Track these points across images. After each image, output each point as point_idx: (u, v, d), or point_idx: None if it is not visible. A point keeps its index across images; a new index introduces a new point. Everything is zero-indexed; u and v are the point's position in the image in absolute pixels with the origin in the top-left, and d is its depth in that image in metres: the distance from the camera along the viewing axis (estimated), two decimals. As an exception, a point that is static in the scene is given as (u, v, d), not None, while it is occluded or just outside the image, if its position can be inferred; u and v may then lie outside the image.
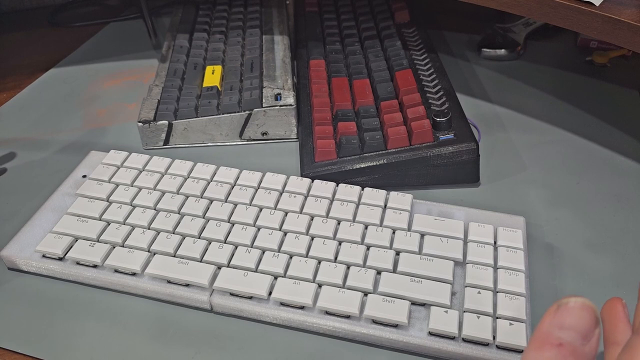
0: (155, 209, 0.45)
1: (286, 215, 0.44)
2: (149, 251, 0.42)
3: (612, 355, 0.27)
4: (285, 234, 0.43)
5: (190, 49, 0.64)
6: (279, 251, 0.42)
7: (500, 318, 0.37)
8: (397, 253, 0.42)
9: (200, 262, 0.41)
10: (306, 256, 0.41)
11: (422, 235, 0.43)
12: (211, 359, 0.37)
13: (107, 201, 0.46)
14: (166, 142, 0.55)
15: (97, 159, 0.51)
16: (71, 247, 0.42)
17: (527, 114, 0.60)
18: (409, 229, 0.43)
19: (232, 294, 0.39)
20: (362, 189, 0.47)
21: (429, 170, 0.49)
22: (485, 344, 0.36)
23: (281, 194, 0.46)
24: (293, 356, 0.37)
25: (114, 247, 0.42)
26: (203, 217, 0.44)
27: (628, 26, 0.44)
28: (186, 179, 0.48)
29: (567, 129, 0.57)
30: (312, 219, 0.44)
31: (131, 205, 0.45)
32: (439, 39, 0.73)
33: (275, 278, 0.40)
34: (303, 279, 0.39)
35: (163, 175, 0.48)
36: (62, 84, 0.67)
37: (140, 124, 0.54)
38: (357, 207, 0.45)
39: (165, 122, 0.54)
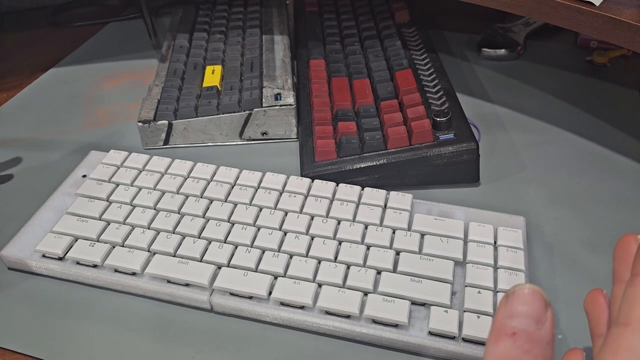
0: (155, 209, 0.45)
1: (286, 215, 0.44)
2: (149, 251, 0.42)
3: (598, 347, 0.27)
4: (285, 233, 0.43)
5: (190, 49, 0.64)
6: (279, 251, 0.42)
7: (500, 318, 0.37)
8: (397, 253, 0.42)
9: (200, 262, 0.41)
10: (306, 256, 0.41)
11: (422, 235, 0.43)
12: (211, 359, 0.37)
13: (107, 201, 0.46)
14: (166, 142, 0.55)
15: (97, 159, 0.51)
16: (71, 247, 0.42)
17: (527, 114, 0.60)
18: (409, 229, 0.43)
19: (232, 294, 0.39)
20: (362, 189, 0.46)
21: (429, 170, 0.49)
22: (485, 344, 0.36)
23: (281, 194, 0.46)
24: (293, 356, 0.37)
25: (114, 247, 0.42)
26: (203, 217, 0.44)
27: (628, 26, 0.44)
28: (186, 179, 0.48)
29: (567, 129, 0.57)
30: (312, 219, 0.44)
31: (131, 205, 0.45)
32: (439, 39, 0.73)
33: (275, 278, 0.40)
34: (303, 278, 0.39)
35: (163, 175, 0.48)
36: (62, 84, 0.67)
37: (140, 124, 0.54)
38: (357, 207, 0.45)
39: (165, 122, 0.54)
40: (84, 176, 0.50)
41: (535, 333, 0.21)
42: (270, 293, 0.39)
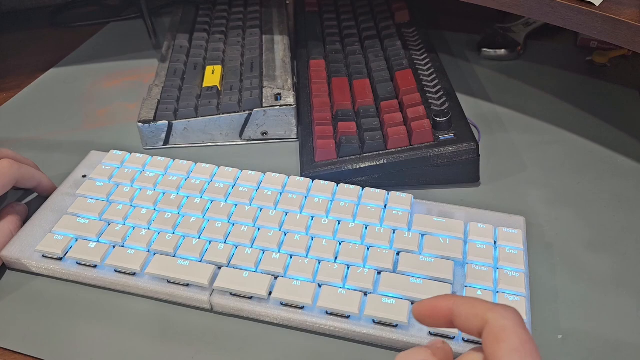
0: (155, 209, 0.45)
1: (286, 215, 0.44)
2: (149, 251, 0.42)
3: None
4: (285, 233, 0.43)
5: (190, 49, 0.64)
6: (279, 251, 0.42)
7: (500, 318, 0.37)
8: (397, 253, 0.42)
9: (200, 262, 0.41)
10: (306, 256, 0.41)
11: (422, 235, 0.43)
12: (211, 359, 0.37)
13: (107, 201, 0.46)
14: (166, 142, 0.55)
15: (97, 159, 0.51)
16: (71, 247, 0.42)
17: (527, 114, 0.60)
18: (409, 229, 0.43)
19: (232, 294, 0.39)
20: (362, 189, 0.46)
21: (429, 170, 0.49)
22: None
23: (281, 194, 0.46)
24: (293, 356, 0.37)
25: (114, 247, 0.42)
26: (203, 217, 0.44)
27: (628, 26, 0.44)
28: (186, 179, 0.48)
29: (567, 129, 0.57)
30: (312, 219, 0.44)
31: (131, 205, 0.45)
32: (439, 39, 0.73)
33: (275, 278, 0.40)
34: (303, 278, 0.39)
35: (163, 175, 0.48)
36: (62, 84, 0.67)
37: (140, 124, 0.54)
38: (357, 207, 0.45)
39: (165, 122, 0.54)
40: (84, 176, 0.50)
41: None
42: (270, 293, 0.39)
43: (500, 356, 0.25)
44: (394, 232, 0.43)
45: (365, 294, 0.39)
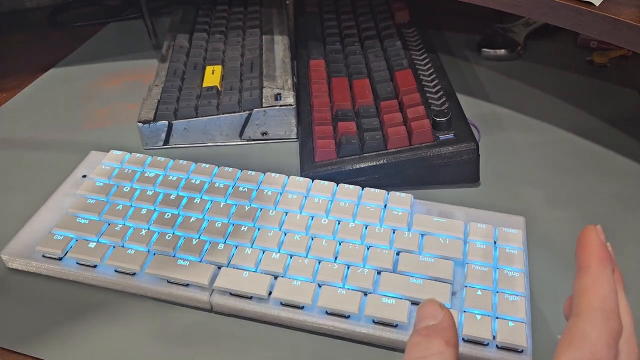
0: (155, 209, 0.45)
1: (286, 215, 0.44)
2: (148, 251, 0.42)
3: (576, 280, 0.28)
4: (285, 233, 0.43)
5: (190, 49, 0.64)
6: (278, 251, 0.42)
7: (500, 318, 0.37)
8: (397, 253, 0.42)
9: (200, 262, 0.41)
10: (306, 256, 0.41)
11: (422, 235, 0.43)
12: (211, 359, 0.37)
13: (107, 201, 0.46)
14: (166, 142, 0.55)
15: (97, 159, 0.51)
16: (71, 247, 0.42)
17: (527, 114, 0.60)
18: (409, 229, 0.43)
19: (232, 294, 0.39)
20: (362, 189, 0.46)
21: (429, 170, 0.49)
22: (485, 344, 0.36)
23: (281, 194, 0.46)
24: (293, 356, 0.37)
25: (114, 247, 0.42)
26: (203, 217, 0.44)
27: (628, 26, 0.44)
28: (186, 179, 0.48)
29: (567, 129, 0.57)
30: (312, 219, 0.44)
31: (131, 205, 0.45)
32: (439, 39, 0.73)
33: (275, 278, 0.40)
34: (303, 278, 0.39)
35: (163, 175, 0.48)
36: (62, 84, 0.67)
37: (140, 124, 0.54)
38: (357, 207, 0.45)
39: (165, 122, 0.54)
40: (84, 176, 0.50)
41: (433, 325, 0.26)
42: (270, 293, 0.39)
43: None
44: (393, 232, 0.43)
45: (365, 294, 0.39)
